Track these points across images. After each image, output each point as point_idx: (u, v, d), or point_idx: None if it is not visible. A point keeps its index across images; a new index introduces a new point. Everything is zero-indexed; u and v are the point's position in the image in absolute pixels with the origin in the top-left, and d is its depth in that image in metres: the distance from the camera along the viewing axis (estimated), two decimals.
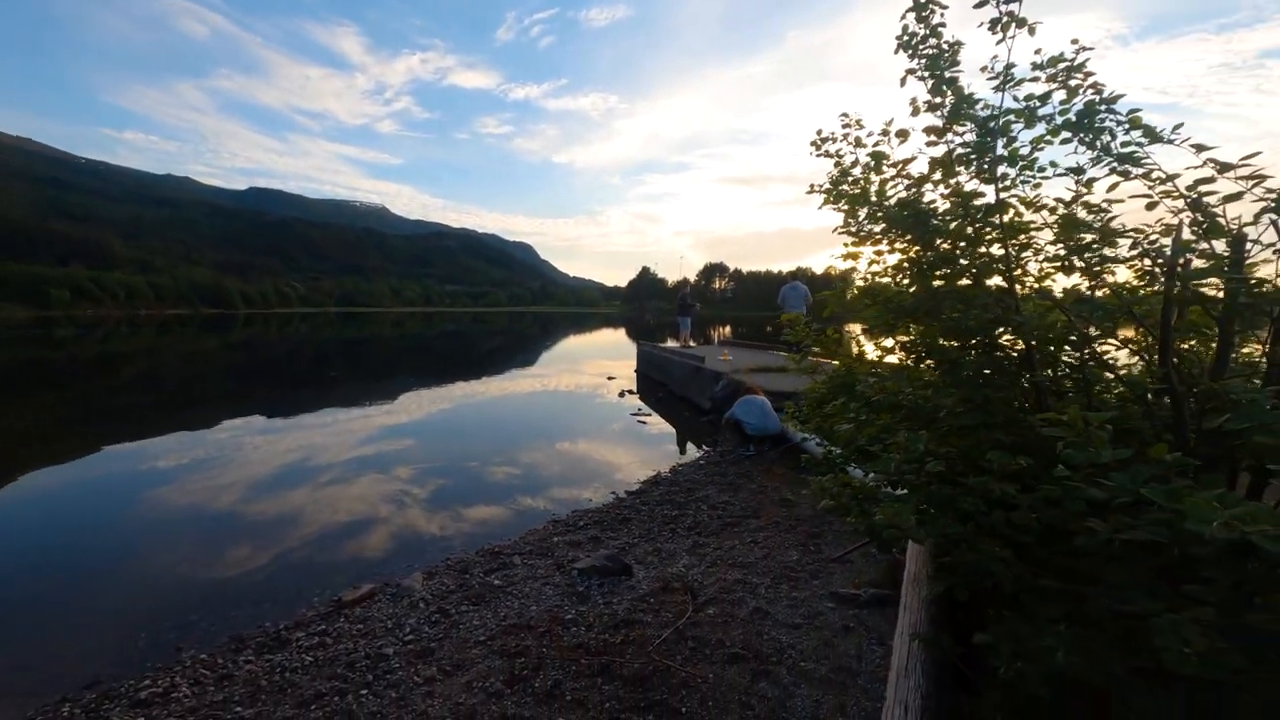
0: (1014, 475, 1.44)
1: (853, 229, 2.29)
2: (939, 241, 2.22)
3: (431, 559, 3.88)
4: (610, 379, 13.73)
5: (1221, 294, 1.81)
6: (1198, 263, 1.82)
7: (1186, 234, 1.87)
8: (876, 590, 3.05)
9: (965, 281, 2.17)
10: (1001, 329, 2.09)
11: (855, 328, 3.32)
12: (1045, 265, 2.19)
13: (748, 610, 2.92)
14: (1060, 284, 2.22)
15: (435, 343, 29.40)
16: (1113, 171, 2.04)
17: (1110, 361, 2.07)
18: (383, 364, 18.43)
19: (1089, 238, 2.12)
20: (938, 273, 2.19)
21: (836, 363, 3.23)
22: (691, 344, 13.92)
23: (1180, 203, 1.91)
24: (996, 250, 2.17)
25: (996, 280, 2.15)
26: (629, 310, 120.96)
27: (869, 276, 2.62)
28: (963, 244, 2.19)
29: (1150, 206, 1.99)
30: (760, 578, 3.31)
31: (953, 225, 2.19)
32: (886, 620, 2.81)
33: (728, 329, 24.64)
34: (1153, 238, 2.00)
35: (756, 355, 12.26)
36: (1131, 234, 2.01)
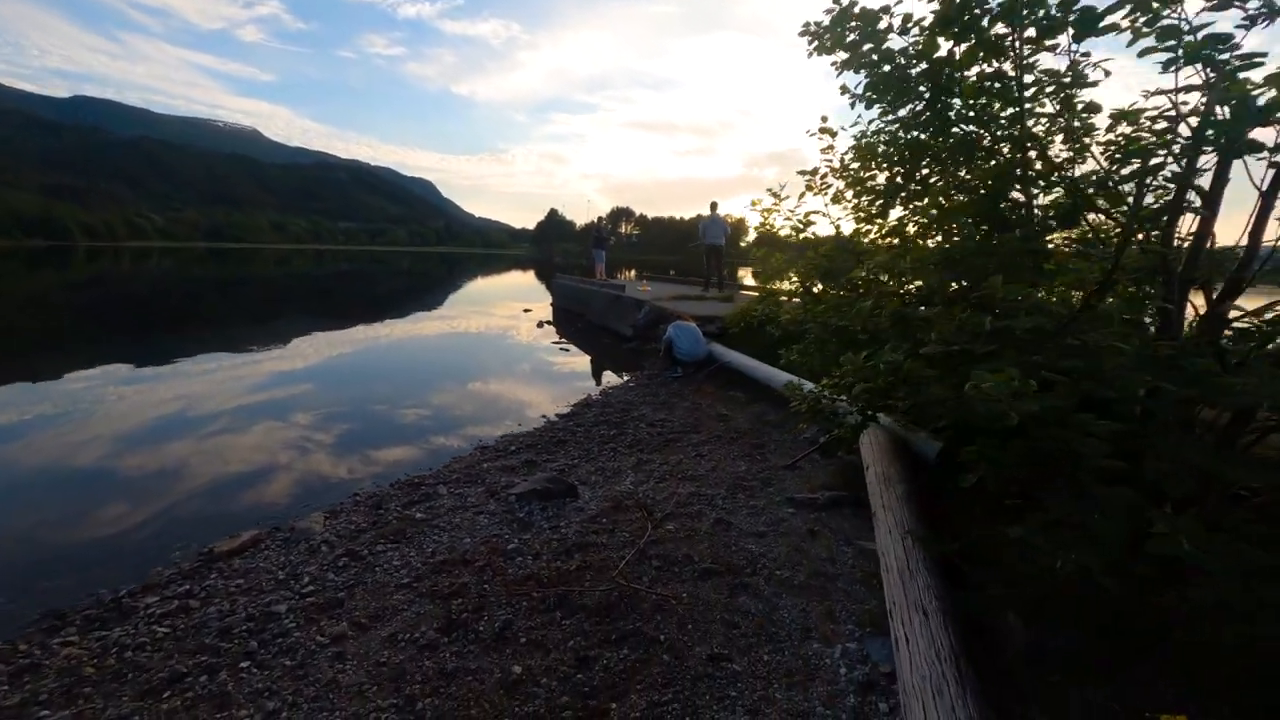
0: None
1: (863, 67, 1.78)
2: (955, 100, 1.79)
3: (337, 498, 3.13)
4: (526, 310, 12.78)
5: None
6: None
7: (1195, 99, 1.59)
8: (832, 492, 2.84)
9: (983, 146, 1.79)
10: (1012, 184, 1.74)
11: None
12: (1049, 132, 1.86)
13: (709, 522, 2.58)
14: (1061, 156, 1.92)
15: (329, 283, 25.67)
16: (1133, 26, 1.68)
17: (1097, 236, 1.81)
18: (269, 305, 15.83)
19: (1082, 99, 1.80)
20: (954, 129, 1.78)
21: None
22: (607, 277, 13.20)
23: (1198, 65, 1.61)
24: (1008, 110, 1.79)
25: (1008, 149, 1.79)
26: (537, 252, 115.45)
27: (861, 145, 2.18)
28: (981, 101, 1.79)
29: (1168, 65, 1.67)
30: (714, 489, 2.99)
31: (972, 78, 1.77)
32: (847, 520, 2.61)
33: (633, 272, 23.79)
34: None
35: (673, 286, 11.92)
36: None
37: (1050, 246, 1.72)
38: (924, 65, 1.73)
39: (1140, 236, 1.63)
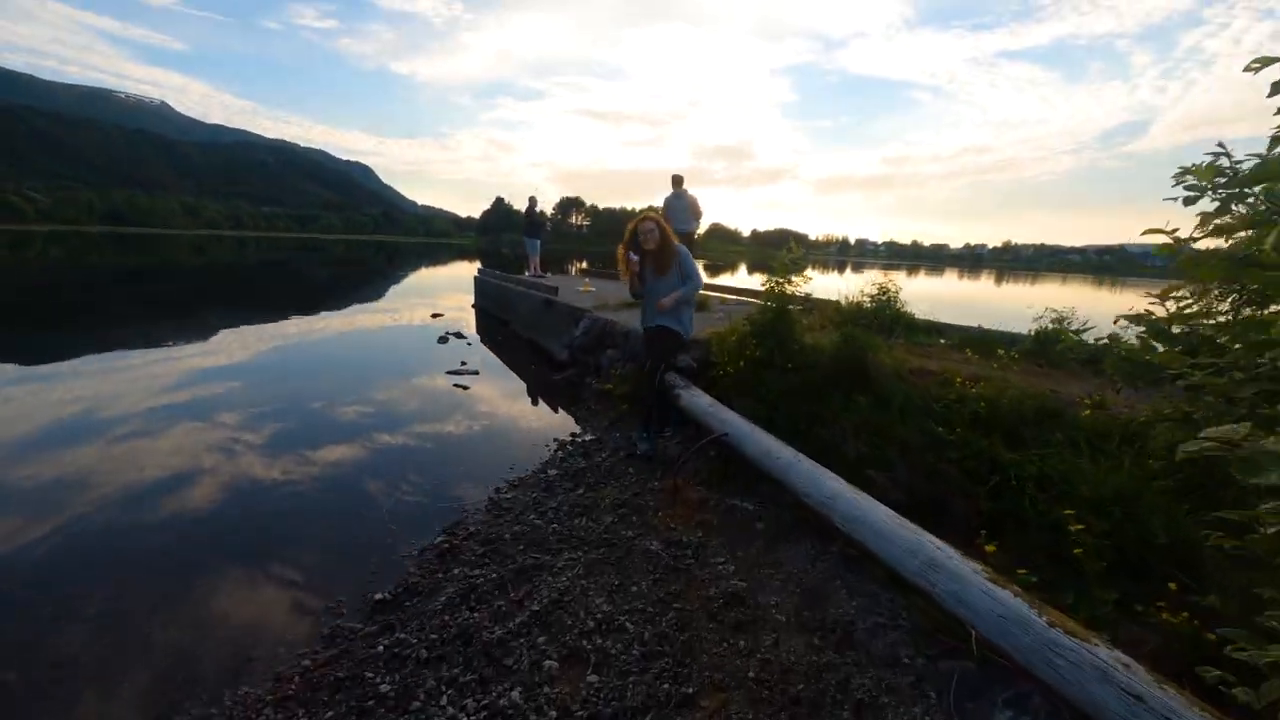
0: None
1: None
2: None
3: None
4: (435, 316, 9.78)
5: None
6: None
7: None
8: None
9: None
10: None
11: None
12: None
13: None
14: None
15: (255, 275, 20.85)
16: None
17: None
18: (181, 303, 11.95)
19: None
20: None
21: None
22: (542, 272, 10.36)
23: None
24: None
25: None
26: (483, 242, 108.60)
27: None
28: None
29: None
30: None
31: None
32: None
33: (585, 264, 20.42)
34: None
35: (625, 289, 9.32)
36: None
37: None
38: None
39: None
